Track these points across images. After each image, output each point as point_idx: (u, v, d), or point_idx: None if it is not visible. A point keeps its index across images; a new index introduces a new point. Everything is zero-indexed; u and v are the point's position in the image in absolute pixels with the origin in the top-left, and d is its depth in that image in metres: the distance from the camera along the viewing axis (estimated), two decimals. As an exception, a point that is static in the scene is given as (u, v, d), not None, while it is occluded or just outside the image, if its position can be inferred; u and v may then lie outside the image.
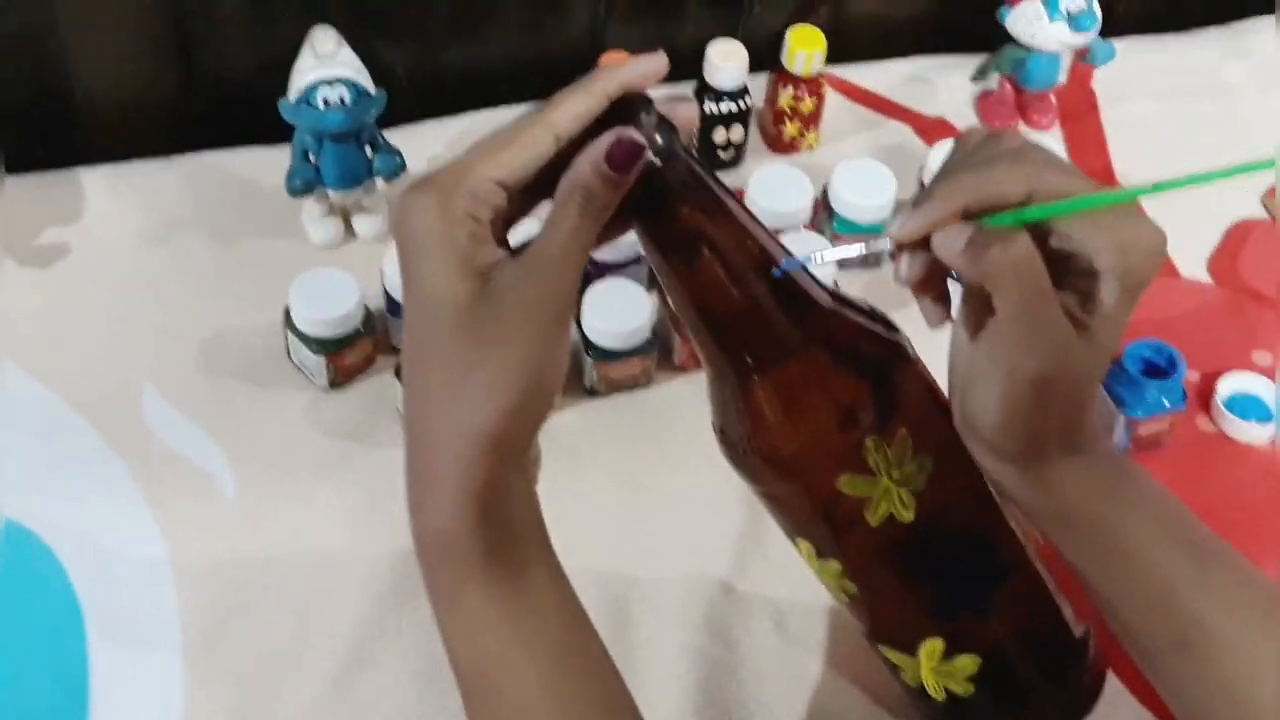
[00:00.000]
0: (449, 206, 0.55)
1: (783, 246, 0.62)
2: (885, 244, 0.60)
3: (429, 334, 0.56)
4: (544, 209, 0.58)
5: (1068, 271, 0.59)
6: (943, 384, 0.65)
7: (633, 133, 0.56)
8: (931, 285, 0.61)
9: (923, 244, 0.59)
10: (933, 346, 0.65)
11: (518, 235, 0.59)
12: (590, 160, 0.55)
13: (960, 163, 0.60)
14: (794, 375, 0.61)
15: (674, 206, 0.58)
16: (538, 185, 0.58)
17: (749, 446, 0.63)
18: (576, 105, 0.57)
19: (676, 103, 0.59)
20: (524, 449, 0.58)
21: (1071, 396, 0.59)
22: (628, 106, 0.57)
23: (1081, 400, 0.59)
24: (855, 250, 0.61)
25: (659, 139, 0.57)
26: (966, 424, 0.62)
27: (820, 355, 0.61)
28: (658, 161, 0.57)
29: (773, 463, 0.62)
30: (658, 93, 0.59)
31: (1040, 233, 0.58)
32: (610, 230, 0.59)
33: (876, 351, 0.63)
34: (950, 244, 0.58)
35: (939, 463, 0.62)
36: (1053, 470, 0.60)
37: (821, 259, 0.61)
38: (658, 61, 0.59)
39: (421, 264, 0.56)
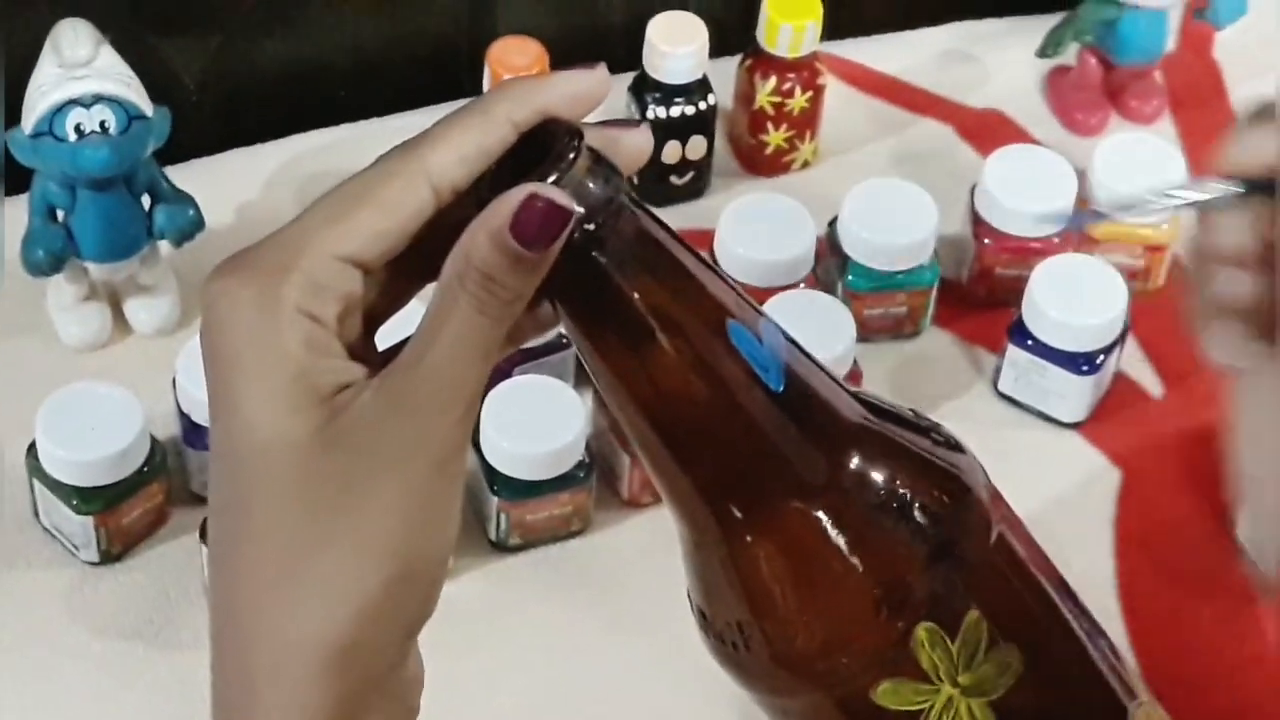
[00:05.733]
0: (273, 299, 0.55)
1: (790, 339, 0.62)
2: (1227, 187, 0.58)
3: (245, 495, 0.56)
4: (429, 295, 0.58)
5: None
6: (1037, 523, 0.65)
7: (552, 191, 0.55)
8: (1264, 269, 0.59)
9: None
10: (1013, 472, 0.65)
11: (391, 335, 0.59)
12: (488, 231, 0.55)
13: None
14: (807, 534, 0.61)
15: (618, 291, 0.59)
16: (413, 260, 0.58)
17: (743, 639, 0.63)
18: (466, 142, 0.57)
19: (619, 130, 0.59)
20: (392, 665, 0.57)
21: None
22: (546, 142, 0.57)
23: None
24: (1184, 199, 0.59)
25: (594, 190, 0.57)
26: None
27: (847, 502, 0.62)
28: (591, 226, 0.57)
29: (778, 663, 0.62)
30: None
31: None
32: (524, 328, 0.59)
33: (933, 490, 0.63)
34: None
35: (1032, 657, 0.63)
36: None
37: (1112, 216, 0.60)
38: (593, 78, 0.59)
39: (233, 388, 0.56)
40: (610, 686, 0.93)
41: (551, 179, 0.56)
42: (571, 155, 0.57)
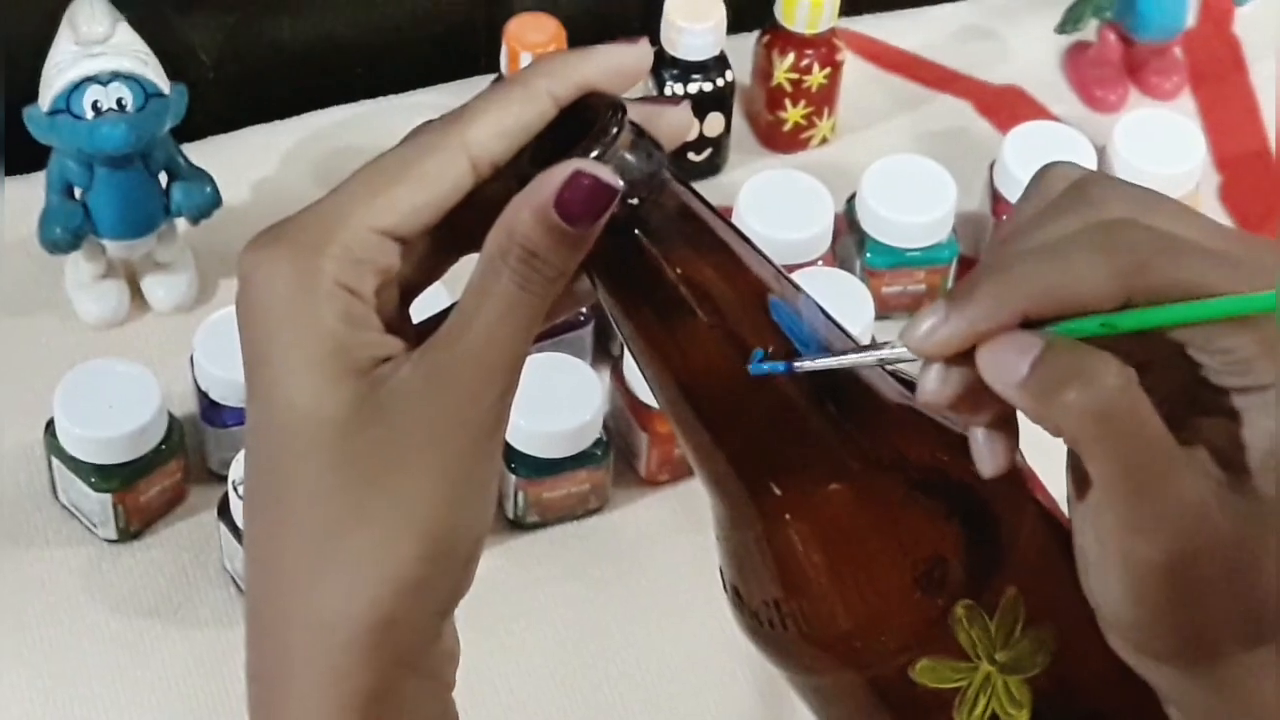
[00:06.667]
0: (311, 273, 0.55)
1: (828, 315, 0.61)
2: (902, 354, 0.58)
3: (282, 470, 0.56)
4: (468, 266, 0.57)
5: (1205, 388, 0.58)
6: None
7: (598, 168, 0.55)
8: (980, 409, 0.60)
9: (964, 357, 0.57)
10: (1038, 450, 0.63)
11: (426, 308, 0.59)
12: (533, 207, 0.55)
13: (1024, 235, 0.58)
14: (846, 512, 0.61)
15: (660, 266, 0.59)
16: (450, 233, 0.58)
17: (780, 618, 0.63)
18: (505, 116, 0.57)
19: (660, 107, 0.59)
20: (428, 642, 0.57)
21: (1236, 581, 0.58)
22: (587, 117, 0.57)
23: (1253, 582, 0.58)
24: (851, 361, 0.60)
25: (637, 165, 0.57)
26: (1095, 610, 0.61)
27: (885, 480, 0.61)
28: (634, 201, 0.57)
29: (816, 642, 0.62)
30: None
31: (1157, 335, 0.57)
32: (561, 302, 0.58)
33: (969, 470, 0.61)
34: (1004, 370, 0.55)
35: (1066, 636, 0.62)
36: (1231, 670, 0.59)
37: (799, 369, 0.61)
38: (635, 52, 0.59)
39: (270, 362, 0.56)
40: (627, 664, 0.93)
41: (595, 154, 0.56)
42: (615, 130, 0.57)
